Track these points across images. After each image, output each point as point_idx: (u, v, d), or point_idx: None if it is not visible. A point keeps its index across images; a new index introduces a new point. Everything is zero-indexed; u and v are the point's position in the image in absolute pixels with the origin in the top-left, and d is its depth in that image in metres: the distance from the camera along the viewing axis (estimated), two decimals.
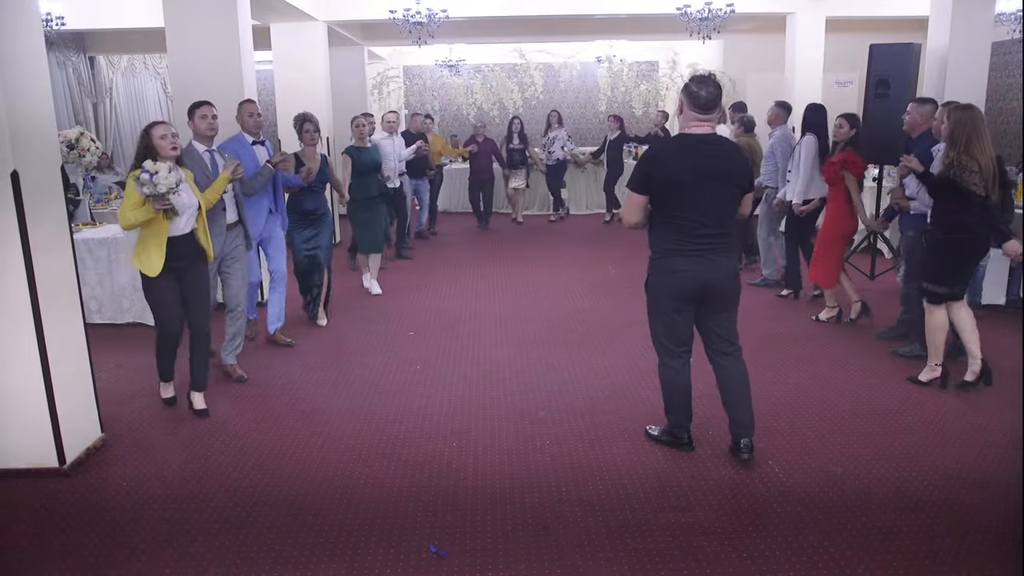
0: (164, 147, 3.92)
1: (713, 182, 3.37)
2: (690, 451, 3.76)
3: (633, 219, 3.54)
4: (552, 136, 11.06)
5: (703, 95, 3.37)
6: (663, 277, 3.54)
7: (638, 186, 3.47)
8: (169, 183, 3.75)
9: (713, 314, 3.57)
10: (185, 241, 4.09)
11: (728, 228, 3.49)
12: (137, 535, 3.14)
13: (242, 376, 4.87)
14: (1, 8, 3.32)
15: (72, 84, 12.12)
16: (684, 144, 3.44)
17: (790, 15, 9.93)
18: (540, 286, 7.36)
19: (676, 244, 3.44)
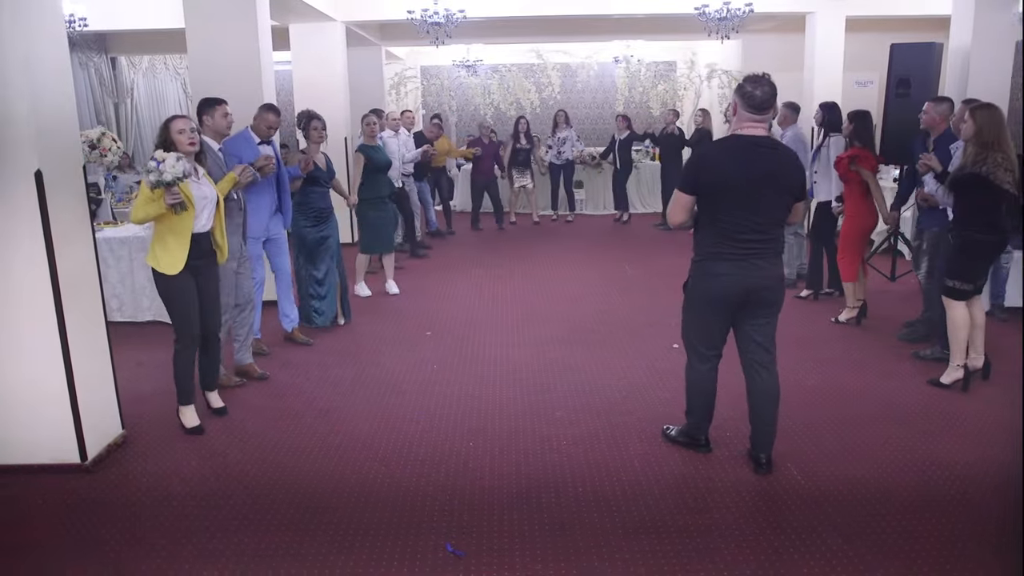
0: (182, 141, 3.85)
1: (764, 186, 3.27)
2: (707, 452, 3.74)
3: (678, 219, 3.46)
4: (562, 136, 11.05)
5: (758, 95, 3.28)
6: (704, 280, 3.45)
7: (686, 186, 3.38)
8: (176, 172, 3.60)
9: (752, 319, 3.47)
10: (205, 239, 4.02)
11: (776, 233, 3.40)
12: (157, 531, 3.17)
13: (263, 374, 4.87)
14: (26, 10, 3.36)
15: (94, 84, 12.25)
16: (737, 146, 3.33)
17: (810, 14, 9.85)
18: (557, 286, 7.35)
19: (720, 247, 3.34)
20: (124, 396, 4.10)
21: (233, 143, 4.88)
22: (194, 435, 4.07)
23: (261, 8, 6.38)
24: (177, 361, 4.07)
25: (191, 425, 4.12)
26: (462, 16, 9.03)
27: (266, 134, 5.13)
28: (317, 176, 5.73)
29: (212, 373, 4.33)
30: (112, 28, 10.51)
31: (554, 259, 8.66)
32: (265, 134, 5.13)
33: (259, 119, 5.14)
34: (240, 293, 4.74)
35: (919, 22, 10.45)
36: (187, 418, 4.14)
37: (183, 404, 4.15)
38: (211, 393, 4.35)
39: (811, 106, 9.02)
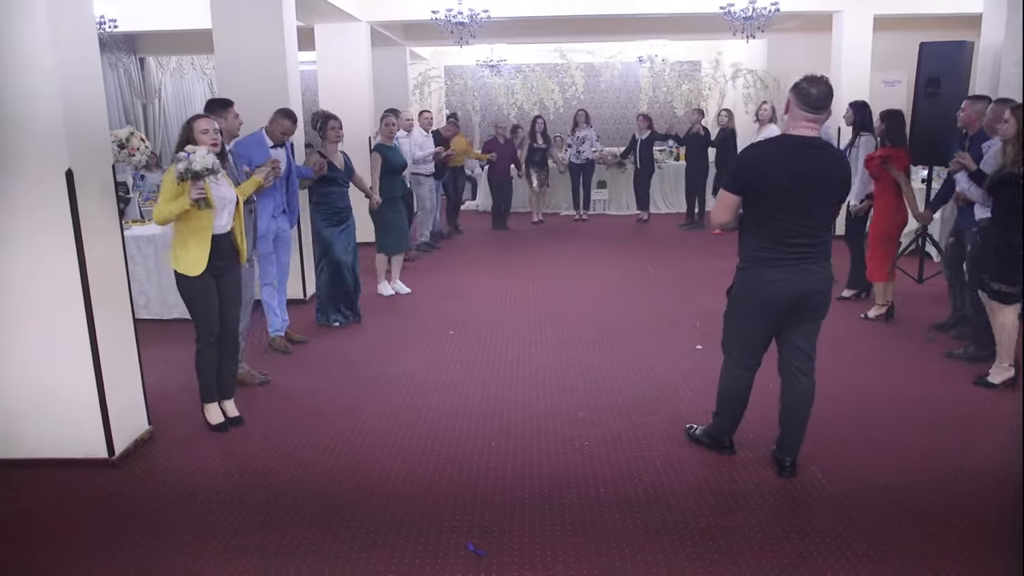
0: (204, 141, 3.85)
1: (814, 188, 3.18)
2: (731, 454, 3.71)
3: (723, 219, 3.34)
4: (581, 135, 11.06)
5: (814, 92, 3.17)
6: (751, 287, 3.34)
7: (732, 185, 3.29)
8: (205, 163, 3.65)
9: (800, 326, 3.38)
10: (225, 240, 4.02)
11: (826, 236, 3.31)
12: (182, 527, 3.21)
13: (264, 379, 4.84)
14: (58, 13, 3.41)
15: (123, 85, 12.42)
16: (787, 145, 3.23)
17: (837, 13, 9.76)
18: (578, 285, 7.33)
19: (769, 252, 3.25)
20: (150, 392, 4.15)
21: (244, 145, 4.89)
22: (218, 432, 4.10)
23: (287, 9, 6.44)
24: (199, 361, 4.11)
25: (215, 422, 4.14)
26: (486, 16, 9.05)
27: (280, 139, 5.16)
28: (334, 176, 5.76)
29: (230, 379, 4.29)
30: (141, 29, 10.65)
31: (575, 259, 8.65)
32: (279, 139, 5.16)
33: (275, 124, 5.16)
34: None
35: (949, 20, 10.30)
36: (211, 415, 4.16)
37: (206, 402, 4.17)
38: (227, 402, 4.28)
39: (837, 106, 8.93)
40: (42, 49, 3.35)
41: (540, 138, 10.91)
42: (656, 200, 11.97)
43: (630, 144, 11.24)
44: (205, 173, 3.68)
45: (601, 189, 12.04)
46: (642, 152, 10.96)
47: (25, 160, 3.46)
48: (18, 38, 3.34)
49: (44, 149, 3.45)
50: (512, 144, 10.78)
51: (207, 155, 3.69)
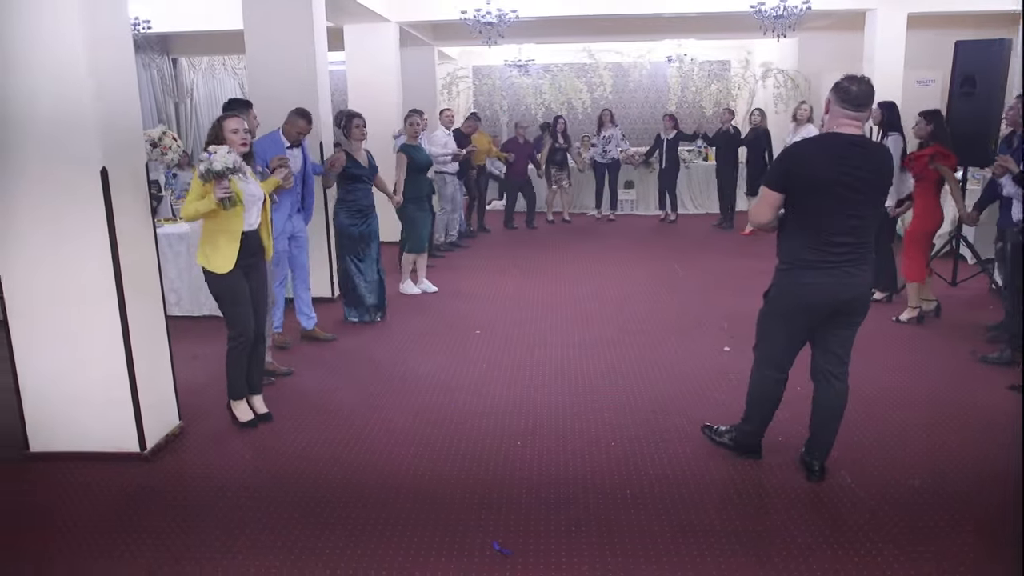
0: (234, 141, 3.88)
1: (859, 188, 3.10)
2: (757, 460, 3.66)
3: (764, 218, 3.25)
4: (607, 135, 11.04)
5: (854, 90, 3.10)
6: (793, 290, 3.27)
7: (775, 184, 3.21)
8: (225, 162, 3.64)
9: (838, 330, 3.32)
10: (254, 237, 4.04)
11: (868, 238, 3.22)
12: (211, 522, 3.25)
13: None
14: (94, 15, 3.47)
15: (156, 85, 12.61)
16: (832, 144, 3.15)
17: (869, 11, 9.63)
18: (605, 285, 7.31)
19: (811, 254, 3.17)
20: (181, 388, 4.21)
21: (261, 144, 4.89)
22: (247, 429, 4.14)
23: (317, 9, 6.49)
24: (231, 357, 4.12)
25: (244, 419, 4.17)
26: (515, 16, 9.06)
27: (295, 139, 5.22)
28: (358, 174, 5.80)
29: (257, 374, 4.31)
30: (174, 30, 10.81)
31: (600, 258, 8.62)
32: (295, 139, 5.21)
33: (291, 124, 5.21)
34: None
35: (985, 18, 10.14)
36: (240, 412, 4.19)
37: (234, 399, 4.20)
38: (256, 398, 4.31)
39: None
40: (78, 50, 3.41)
41: (561, 138, 10.92)
42: (684, 200, 11.91)
43: (655, 144, 11.19)
44: (226, 173, 3.68)
45: (628, 189, 12.01)
46: (668, 152, 10.91)
47: (61, 159, 3.52)
48: (55, 39, 3.40)
49: (79, 148, 3.51)
50: (531, 145, 10.80)
51: (228, 154, 3.69)
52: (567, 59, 14.89)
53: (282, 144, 5.17)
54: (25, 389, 3.78)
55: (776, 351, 3.44)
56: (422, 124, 7.00)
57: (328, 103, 6.75)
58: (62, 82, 3.44)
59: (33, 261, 3.64)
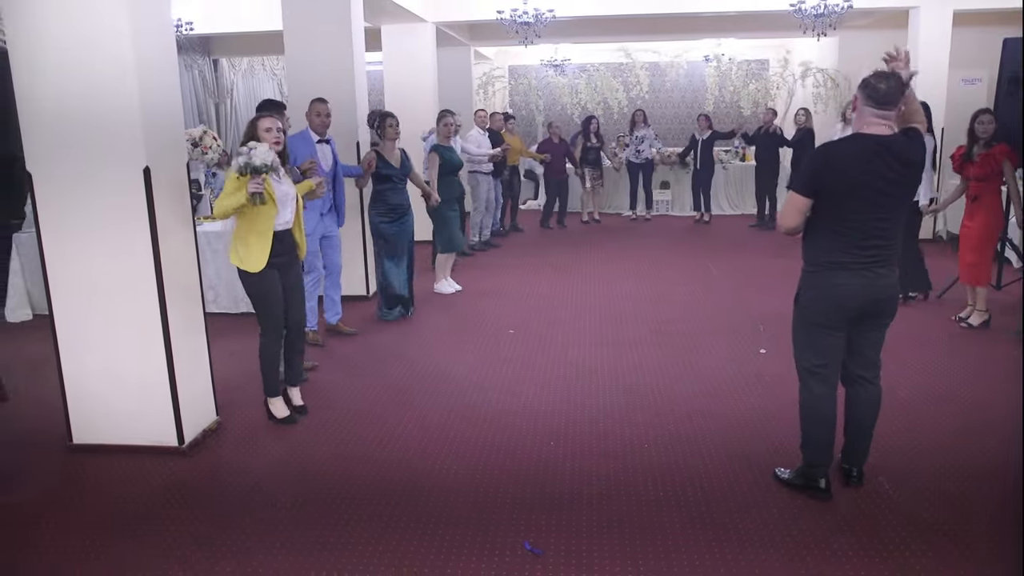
0: (268, 139, 3.93)
1: (888, 191, 3.03)
2: (826, 500, 3.31)
3: (793, 223, 3.17)
4: (640, 135, 11.00)
5: (882, 87, 3.03)
6: (822, 292, 3.17)
7: (805, 188, 3.12)
8: (265, 159, 3.71)
9: (868, 333, 3.25)
10: (287, 235, 4.10)
11: (896, 238, 3.15)
12: (247, 517, 3.29)
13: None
14: (139, 17, 3.55)
15: (197, 85, 12.82)
16: (862, 145, 3.05)
17: (913, 9, 9.44)
18: (638, 285, 7.26)
19: (840, 256, 3.10)
20: (218, 384, 4.27)
21: (292, 141, 4.89)
22: (284, 424, 4.20)
23: (355, 10, 6.55)
24: (264, 354, 4.19)
25: (281, 415, 4.23)
26: (551, 16, 9.05)
27: (321, 129, 5.25)
28: (388, 174, 5.83)
29: (297, 367, 4.40)
30: (215, 31, 10.98)
31: (634, 258, 8.56)
32: (320, 128, 5.25)
33: (310, 113, 5.26)
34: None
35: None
36: (277, 409, 4.26)
37: (271, 396, 4.26)
38: (294, 389, 4.40)
39: None
40: (123, 51, 3.49)
41: (594, 137, 10.89)
42: (720, 201, 11.80)
43: (690, 144, 11.11)
44: (264, 169, 3.74)
45: (664, 190, 11.93)
46: (702, 152, 10.83)
47: (105, 158, 3.61)
48: (101, 41, 3.48)
49: (123, 147, 3.59)
50: (566, 143, 10.84)
51: (268, 152, 3.75)
52: (603, 59, 14.83)
53: (311, 140, 5.24)
54: (69, 383, 3.88)
55: (817, 360, 3.27)
56: (455, 125, 7.01)
57: (365, 103, 6.80)
58: (110, 82, 3.52)
59: (78, 257, 3.73)
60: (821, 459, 3.34)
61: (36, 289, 6.40)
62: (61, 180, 3.66)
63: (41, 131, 3.62)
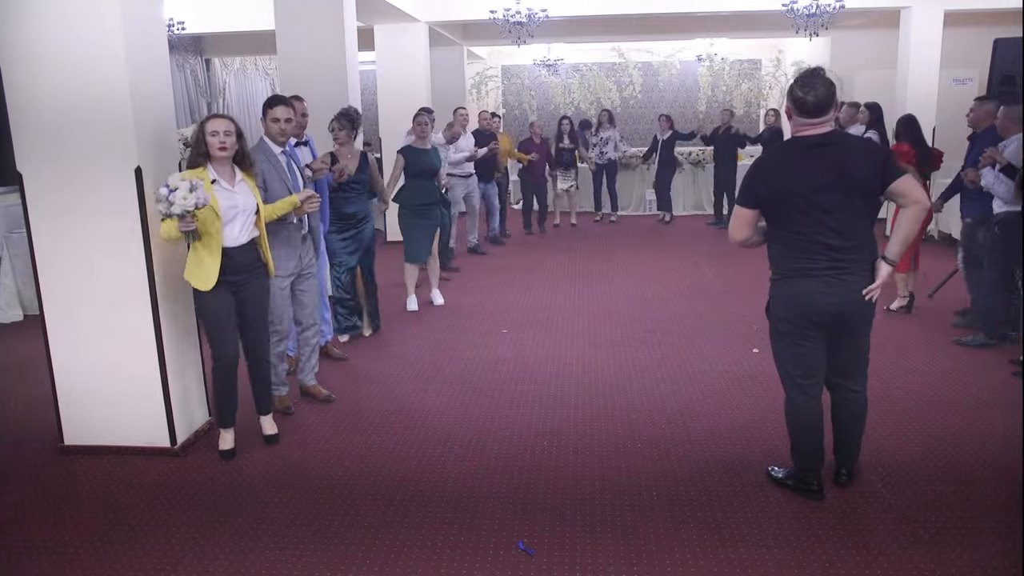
0: (212, 145, 3.50)
1: (835, 190, 2.94)
2: (819, 501, 3.29)
3: (740, 235, 3.14)
4: (605, 136, 10.82)
5: (810, 100, 2.94)
6: (786, 301, 3.12)
7: (745, 200, 3.10)
8: (187, 205, 3.23)
9: (845, 343, 3.17)
10: (243, 252, 3.66)
11: (860, 241, 3.02)
12: (239, 518, 3.28)
13: (328, 396, 4.49)
14: (130, 17, 3.53)
15: (189, 85, 12.79)
16: (797, 149, 3.03)
17: (905, 9, 9.48)
18: (622, 287, 7.27)
19: (799, 263, 3.04)
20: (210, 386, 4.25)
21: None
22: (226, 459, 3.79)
23: (348, 10, 6.55)
24: (214, 380, 3.83)
25: (224, 447, 3.83)
26: (544, 15, 9.05)
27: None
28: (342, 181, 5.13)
29: (265, 395, 4.01)
30: (207, 31, 10.96)
31: (612, 260, 8.57)
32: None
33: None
34: (303, 312, 4.33)
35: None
36: (221, 440, 3.86)
37: (221, 427, 3.88)
38: (264, 418, 4.03)
39: (903, 107, 8.69)
40: (115, 51, 3.48)
41: (567, 139, 10.47)
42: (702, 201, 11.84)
43: (652, 145, 11.12)
44: (188, 215, 3.29)
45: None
46: (663, 153, 10.87)
47: (97, 157, 3.59)
48: (93, 40, 3.47)
49: (114, 147, 3.58)
50: (547, 144, 10.34)
51: (190, 193, 3.24)
52: (596, 58, 14.86)
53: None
54: (60, 384, 3.86)
55: (795, 371, 3.21)
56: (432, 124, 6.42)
57: (358, 103, 6.80)
58: (101, 82, 3.51)
59: (69, 258, 3.72)
60: (810, 464, 3.33)
61: (27, 290, 6.38)
62: (52, 180, 3.64)
63: (32, 131, 3.60)
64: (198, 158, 3.55)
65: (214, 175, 3.56)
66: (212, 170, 3.56)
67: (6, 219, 6.65)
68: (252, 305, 3.79)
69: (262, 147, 4.04)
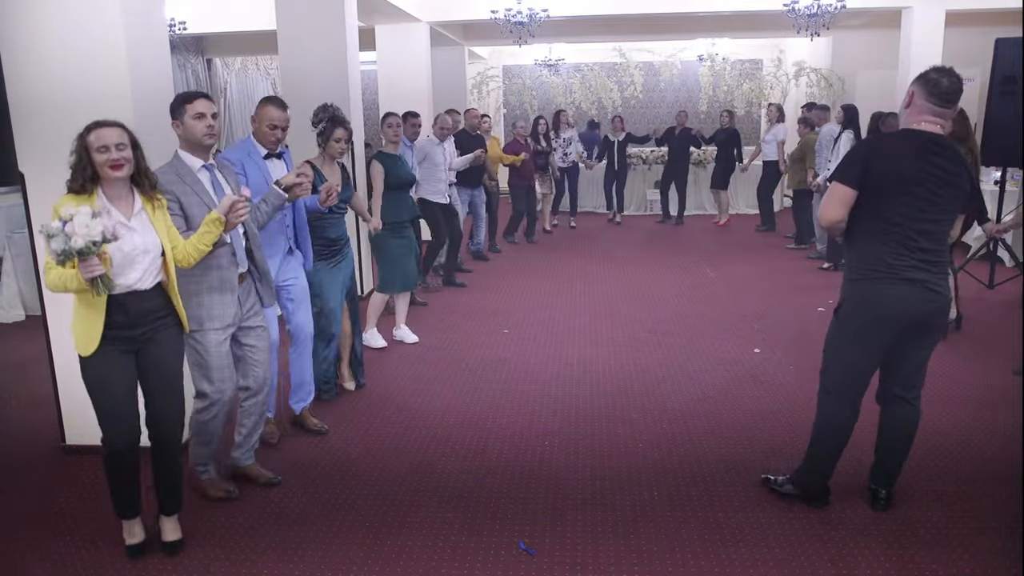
0: (100, 162, 2.62)
1: (940, 190, 2.84)
2: (823, 507, 3.21)
3: (836, 216, 2.93)
4: (567, 137, 10.60)
5: (945, 83, 2.82)
6: (867, 303, 2.94)
7: (851, 179, 2.88)
8: (91, 235, 2.41)
9: (911, 350, 3.02)
10: (144, 299, 2.74)
11: (946, 246, 2.93)
12: (239, 518, 3.29)
13: (272, 479, 3.54)
14: (131, 17, 3.54)
15: (191, 85, 12.79)
16: (914, 141, 2.86)
17: (906, 9, 9.48)
18: (633, 286, 7.28)
19: (889, 260, 2.87)
20: None
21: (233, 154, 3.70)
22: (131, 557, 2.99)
23: (349, 10, 6.54)
24: (108, 469, 2.89)
25: (129, 542, 2.99)
26: (545, 15, 9.05)
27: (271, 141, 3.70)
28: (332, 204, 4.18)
29: (171, 490, 3.02)
30: (209, 31, 10.97)
31: (612, 260, 8.58)
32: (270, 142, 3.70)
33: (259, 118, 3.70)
34: (251, 373, 3.37)
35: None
36: (126, 533, 3.00)
37: (121, 518, 3.00)
38: (167, 520, 3.03)
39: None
40: (117, 51, 3.48)
41: (543, 141, 9.92)
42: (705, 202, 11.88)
43: (604, 146, 11.08)
44: (92, 250, 2.45)
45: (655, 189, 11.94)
46: (618, 154, 10.88)
47: None
48: (94, 41, 3.47)
49: None
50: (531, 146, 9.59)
51: (92, 221, 2.42)
52: (597, 58, 14.84)
53: (256, 152, 3.72)
54: (62, 383, 3.86)
55: (849, 376, 3.07)
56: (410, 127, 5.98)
57: (360, 103, 6.80)
58: (102, 82, 3.51)
59: None
60: (822, 470, 3.21)
61: (29, 289, 6.39)
62: (54, 179, 3.60)
63: (34, 130, 3.60)
64: (84, 183, 2.64)
65: (105, 203, 2.65)
66: (103, 197, 2.67)
67: (8, 219, 6.67)
68: (158, 368, 2.85)
69: (174, 164, 3.08)
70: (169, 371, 2.90)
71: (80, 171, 2.65)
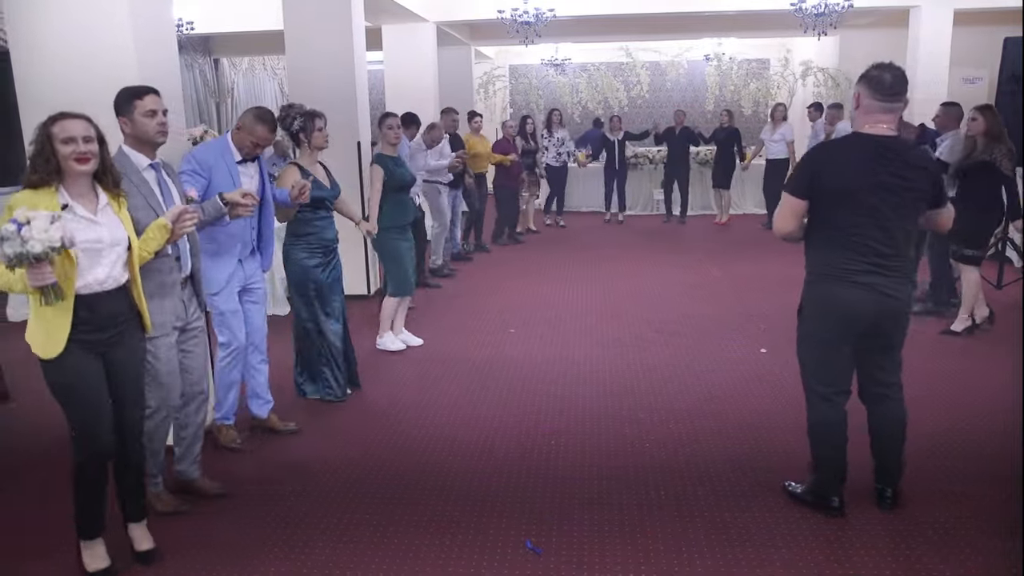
0: (64, 154, 2.51)
1: (891, 196, 2.84)
2: (838, 516, 3.15)
3: (787, 227, 2.99)
4: (559, 136, 10.58)
5: (887, 77, 2.84)
6: (824, 302, 2.99)
7: (797, 189, 2.94)
8: (49, 241, 2.30)
9: (878, 352, 3.05)
10: (112, 299, 2.64)
11: (907, 250, 2.93)
12: (243, 516, 3.29)
13: (220, 491, 3.41)
14: (139, 17, 3.56)
15: (198, 84, 12.84)
16: (860, 145, 2.90)
17: (914, 8, 9.45)
18: (635, 286, 7.28)
19: (842, 265, 2.90)
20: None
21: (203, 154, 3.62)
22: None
23: (356, 10, 6.56)
24: (79, 481, 2.73)
25: (92, 569, 2.79)
26: (552, 15, 9.06)
27: (250, 150, 3.69)
28: (322, 196, 4.26)
29: (135, 496, 2.93)
30: (216, 31, 11.01)
31: (618, 259, 8.57)
32: (248, 150, 3.69)
33: (245, 129, 3.67)
34: (187, 378, 3.23)
35: None
36: (88, 557, 2.80)
37: (83, 538, 2.81)
38: (136, 526, 2.93)
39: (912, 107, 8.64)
40: (125, 51, 3.51)
41: (530, 140, 9.80)
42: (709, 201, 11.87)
43: (601, 145, 11.07)
44: (50, 255, 2.34)
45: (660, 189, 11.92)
46: (617, 153, 10.86)
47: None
48: (102, 41, 3.50)
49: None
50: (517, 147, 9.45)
51: (51, 226, 2.31)
52: (604, 58, 14.86)
53: (231, 155, 3.66)
54: None
55: (822, 375, 3.09)
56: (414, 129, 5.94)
57: (366, 102, 6.81)
58: (111, 82, 3.48)
59: None
60: (830, 478, 3.17)
61: None
62: None
63: None
64: (46, 176, 2.51)
65: (67, 199, 2.55)
66: (64, 193, 2.56)
67: None
68: (125, 372, 2.75)
69: (119, 160, 2.87)
70: (136, 375, 2.82)
71: (42, 163, 2.51)
